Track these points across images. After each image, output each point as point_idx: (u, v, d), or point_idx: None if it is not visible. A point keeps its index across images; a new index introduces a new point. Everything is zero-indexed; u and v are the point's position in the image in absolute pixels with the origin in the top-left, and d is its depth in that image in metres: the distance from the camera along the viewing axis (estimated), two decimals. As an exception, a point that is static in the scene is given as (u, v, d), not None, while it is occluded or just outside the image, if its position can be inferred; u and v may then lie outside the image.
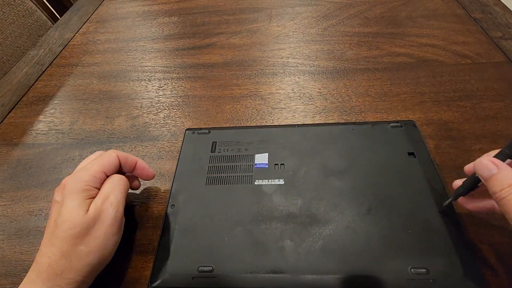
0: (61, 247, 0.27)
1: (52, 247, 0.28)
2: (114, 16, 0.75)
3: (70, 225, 0.28)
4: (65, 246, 0.27)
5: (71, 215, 0.28)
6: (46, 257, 0.27)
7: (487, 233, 0.32)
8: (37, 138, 0.48)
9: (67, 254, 0.27)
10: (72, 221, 0.28)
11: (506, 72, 0.48)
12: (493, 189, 0.24)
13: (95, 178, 0.31)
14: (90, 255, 0.28)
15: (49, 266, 0.27)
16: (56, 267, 0.27)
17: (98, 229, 0.29)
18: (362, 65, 0.52)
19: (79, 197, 0.29)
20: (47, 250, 0.28)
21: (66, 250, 0.27)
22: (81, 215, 0.28)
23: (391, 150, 0.38)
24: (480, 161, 0.25)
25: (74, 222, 0.28)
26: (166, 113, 0.49)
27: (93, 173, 0.31)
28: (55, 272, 0.27)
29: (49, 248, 0.28)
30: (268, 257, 0.30)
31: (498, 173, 0.24)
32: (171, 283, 0.30)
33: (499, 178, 0.24)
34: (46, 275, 0.27)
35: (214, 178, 0.37)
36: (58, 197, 0.30)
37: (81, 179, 0.30)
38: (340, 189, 0.35)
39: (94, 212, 0.29)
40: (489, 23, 0.57)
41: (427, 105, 0.45)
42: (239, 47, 0.60)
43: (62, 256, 0.27)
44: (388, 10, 0.64)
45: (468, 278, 0.28)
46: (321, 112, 0.46)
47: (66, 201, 0.29)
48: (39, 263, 0.28)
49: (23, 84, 0.58)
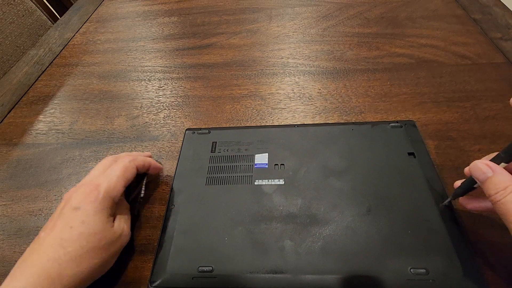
0: (79, 257, 0.27)
1: (67, 254, 0.27)
2: (114, 16, 0.75)
3: (100, 237, 0.29)
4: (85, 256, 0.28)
5: (102, 228, 0.29)
6: (56, 263, 0.27)
7: (487, 233, 0.32)
8: (37, 138, 0.48)
9: (80, 263, 0.27)
10: (103, 234, 0.29)
11: (506, 72, 0.48)
12: (488, 192, 0.25)
13: (119, 194, 0.32)
14: (99, 269, 0.29)
15: (59, 274, 0.26)
16: (65, 275, 0.27)
17: (115, 246, 0.30)
18: (362, 65, 0.52)
19: (107, 213, 0.30)
20: (57, 256, 0.27)
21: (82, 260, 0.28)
22: (110, 230, 0.30)
23: (391, 150, 0.38)
24: (476, 164, 0.26)
25: (104, 235, 0.29)
26: (166, 113, 0.49)
27: (120, 190, 0.32)
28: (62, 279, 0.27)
29: (61, 254, 0.27)
30: (268, 257, 0.30)
31: (493, 176, 0.25)
32: (171, 283, 0.30)
33: (493, 181, 0.25)
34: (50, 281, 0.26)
35: (214, 178, 0.37)
36: (77, 204, 0.30)
37: (109, 195, 0.31)
38: (340, 189, 0.35)
39: (119, 230, 0.31)
40: (489, 24, 0.57)
41: (427, 106, 0.45)
42: (239, 47, 0.60)
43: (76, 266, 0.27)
44: (388, 10, 0.64)
45: (468, 278, 0.28)
46: (321, 112, 0.46)
47: (96, 213, 0.29)
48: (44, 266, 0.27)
49: (23, 84, 0.58)
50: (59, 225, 0.29)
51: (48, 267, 0.27)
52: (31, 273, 0.26)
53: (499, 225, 0.32)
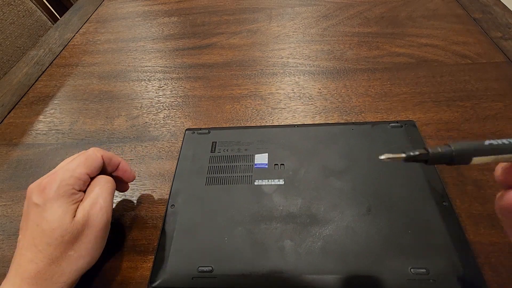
0: (50, 254, 0.27)
1: (39, 253, 0.27)
2: (114, 16, 0.75)
3: (61, 232, 0.27)
4: (55, 253, 0.27)
5: (60, 222, 0.27)
6: (33, 263, 0.27)
7: (487, 233, 0.32)
8: (37, 138, 0.48)
9: (56, 260, 0.27)
10: (62, 228, 0.27)
11: (506, 72, 0.48)
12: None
13: (80, 181, 0.30)
14: (80, 260, 0.28)
15: (37, 273, 0.26)
16: (45, 273, 0.27)
17: (88, 234, 0.28)
18: (362, 65, 0.52)
19: (66, 203, 0.28)
20: (33, 256, 0.27)
21: (56, 256, 0.27)
22: (69, 222, 0.28)
23: (391, 150, 0.37)
24: None
25: (64, 229, 0.27)
26: (166, 113, 0.49)
27: (78, 176, 0.30)
28: (44, 277, 0.27)
29: (35, 254, 0.27)
30: (268, 257, 0.30)
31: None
32: (171, 283, 0.30)
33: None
34: (34, 280, 0.26)
35: (214, 178, 0.37)
36: (37, 200, 0.28)
37: (66, 183, 0.29)
38: (340, 189, 0.35)
39: (83, 218, 0.28)
40: (489, 23, 0.57)
41: (427, 105, 0.44)
42: (239, 47, 0.60)
43: (52, 262, 0.27)
44: (388, 10, 0.64)
45: (468, 278, 0.28)
46: (321, 112, 0.46)
47: (52, 206, 0.28)
48: (25, 268, 0.27)
49: (23, 84, 0.58)
50: (29, 223, 0.28)
51: (28, 269, 0.26)
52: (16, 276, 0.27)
53: (499, 225, 0.32)
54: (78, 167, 0.30)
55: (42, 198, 0.28)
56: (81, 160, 0.31)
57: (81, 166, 0.30)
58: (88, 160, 0.31)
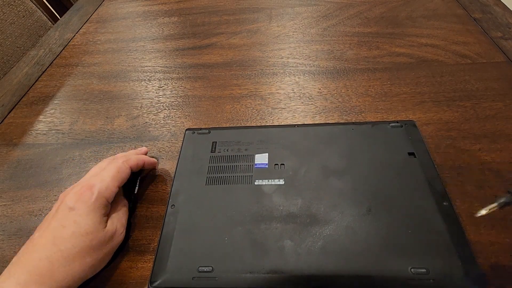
0: (69, 255, 0.28)
1: (58, 252, 0.28)
2: (114, 16, 0.75)
3: (92, 237, 0.29)
4: (76, 255, 0.28)
5: (94, 228, 0.30)
6: (47, 261, 0.27)
7: (487, 233, 0.32)
8: (37, 138, 0.48)
9: (72, 262, 0.28)
10: (94, 234, 0.29)
11: (506, 72, 0.48)
12: None
13: (113, 193, 0.32)
14: (91, 268, 0.30)
15: (49, 271, 0.27)
16: (56, 272, 0.27)
17: (108, 246, 0.31)
18: (362, 65, 0.52)
19: (100, 213, 0.31)
20: (49, 255, 0.28)
21: (73, 258, 0.28)
22: (102, 230, 0.30)
23: (391, 150, 0.38)
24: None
25: (95, 235, 0.29)
26: (166, 113, 0.49)
27: (114, 190, 0.32)
28: (52, 276, 0.27)
29: (53, 253, 0.28)
30: (268, 257, 0.30)
31: None
32: (171, 283, 0.30)
33: None
34: (42, 278, 0.27)
35: (214, 178, 0.37)
36: (72, 204, 0.30)
37: (102, 195, 0.31)
38: (340, 189, 0.35)
39: (112, 230, 0.31)
40: (489, 23, 0.57)
41: (427, 105, 0.45)
42: (239, 47, 0.60)
43: (67, 264, 0.28)
44: (388, 10, 0.64)
45: (468, 278, 0.28)
46: (321, 112, 0.46)
47: (89, 214, 0.30)
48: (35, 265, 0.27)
49: (23, 84, 0.58)
50: (52, 224, 0.30)
51: (40, 266, 0.27)
52: (22, 271, 0.27)
53: (499, 225, 0.32)
54: (112, 181, 0.32)
55: (78, 203, 0.30)
56: (114, 173, 0.33)
57: (114, 179, 0.33)
58: (120, 173, 0.33)
